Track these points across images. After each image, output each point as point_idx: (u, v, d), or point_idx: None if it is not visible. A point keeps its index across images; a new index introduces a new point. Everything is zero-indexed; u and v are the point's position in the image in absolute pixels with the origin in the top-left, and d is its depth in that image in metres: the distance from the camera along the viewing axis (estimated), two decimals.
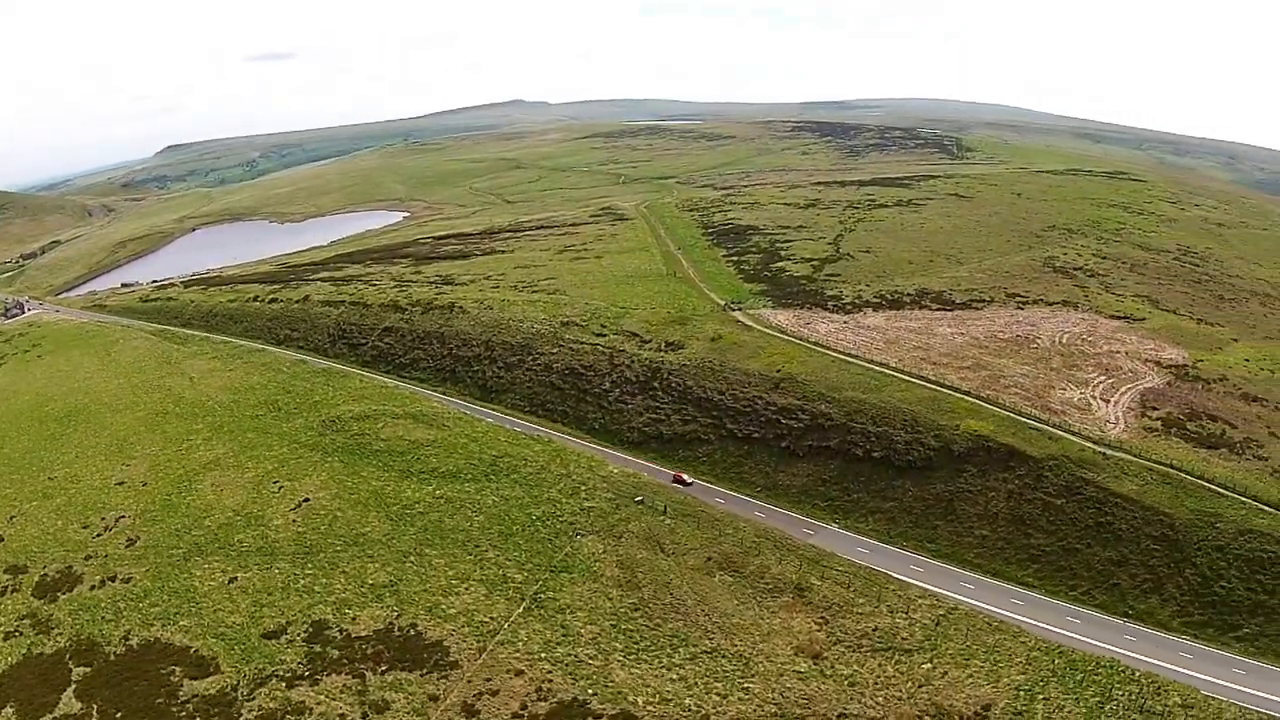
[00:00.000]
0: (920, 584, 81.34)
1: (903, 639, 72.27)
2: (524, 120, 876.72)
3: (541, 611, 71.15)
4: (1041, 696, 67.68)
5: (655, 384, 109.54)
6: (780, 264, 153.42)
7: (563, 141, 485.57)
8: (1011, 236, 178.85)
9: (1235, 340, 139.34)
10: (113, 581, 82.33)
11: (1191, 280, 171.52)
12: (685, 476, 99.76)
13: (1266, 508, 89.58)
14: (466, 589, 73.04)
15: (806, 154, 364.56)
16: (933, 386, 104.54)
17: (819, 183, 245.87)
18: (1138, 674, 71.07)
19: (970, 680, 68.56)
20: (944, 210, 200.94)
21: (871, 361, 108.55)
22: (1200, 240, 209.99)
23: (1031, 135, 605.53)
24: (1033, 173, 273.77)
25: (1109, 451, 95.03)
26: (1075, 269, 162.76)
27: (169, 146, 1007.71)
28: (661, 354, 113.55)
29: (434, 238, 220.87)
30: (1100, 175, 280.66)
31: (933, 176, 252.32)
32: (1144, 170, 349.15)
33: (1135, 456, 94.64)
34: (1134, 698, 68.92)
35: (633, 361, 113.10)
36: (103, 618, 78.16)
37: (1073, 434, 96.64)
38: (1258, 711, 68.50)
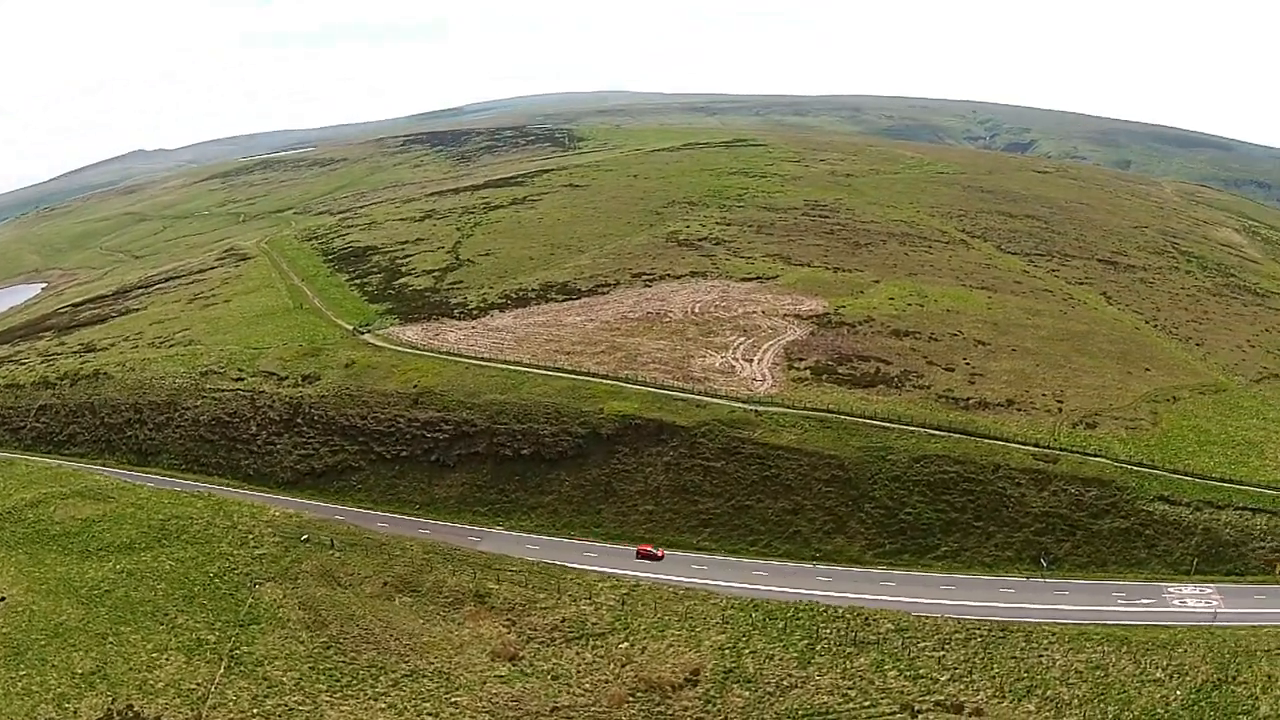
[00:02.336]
0: (597, 568, 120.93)
1: (593, 624, 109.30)
2: (146, 170, 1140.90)
3: (241, 668, 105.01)
4: (748, 651, 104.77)
5: (299, 420, 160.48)
6: (403, 279, 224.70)
7: (183, 187, 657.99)
8: (632, 218, 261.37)
9: (877, 282, 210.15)
10: None
11: (823, 232, 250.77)
12: (654, 549, 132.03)
13: (937, 431, 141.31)
14: (168, 659, 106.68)
15: (419, 166, 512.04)
16: (570, 376, 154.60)
17: (433, 193, 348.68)
18: (842, 610, 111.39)
19: (671, 650, 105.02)
20: (561, 203, 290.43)
21: (505, 362, 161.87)
22: (828, 193, 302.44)
23: (645, 117, 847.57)
24: (648, 153, 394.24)
25: (761, 408, 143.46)
26: (700, 240, 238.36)
27: None
28: (300, 389, 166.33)
29: (72, 305, 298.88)
30: (717, 145, 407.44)
31: (546, 171, 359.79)
32: (764, 134, 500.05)
33: (789, 408, 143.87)
34: (843, 632, 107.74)
35: (274, 401, 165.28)
36: None
37: (720, 398, 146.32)
38: (975, 619, 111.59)
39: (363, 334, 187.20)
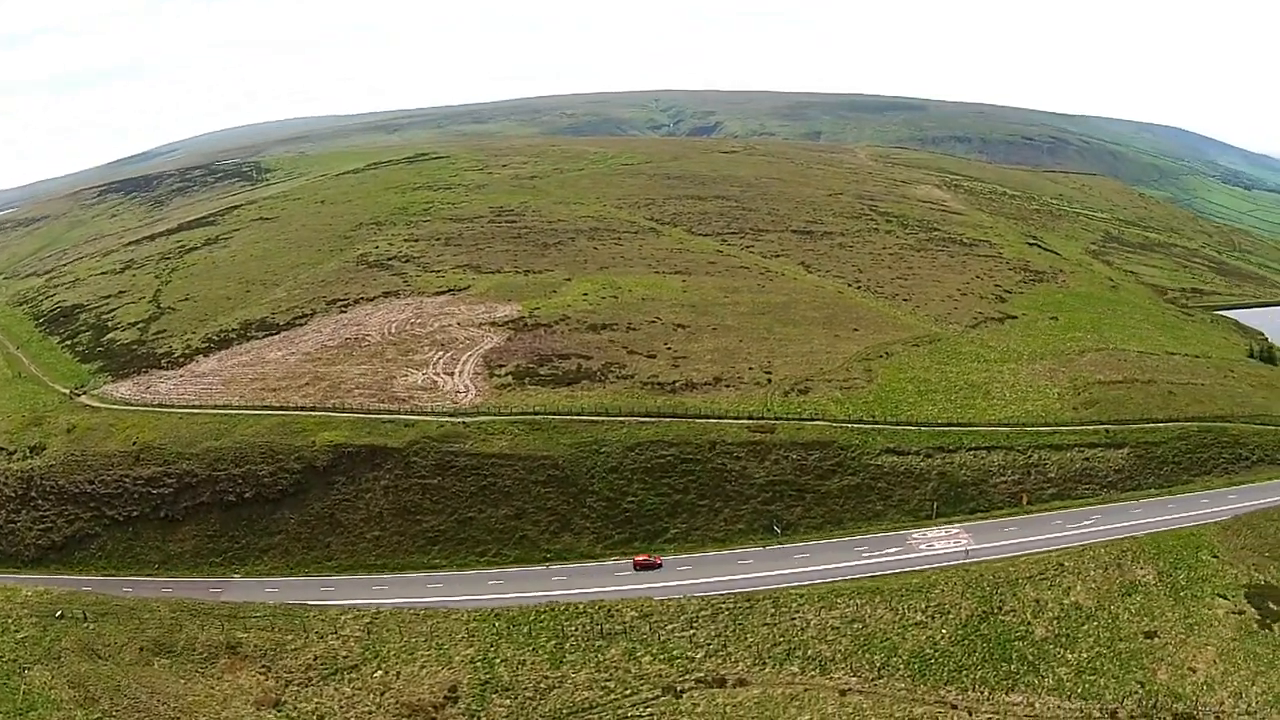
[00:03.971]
0: (337, 602, 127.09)
1: (345, 657, 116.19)
2: None
3: None
4: (499, 660, 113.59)
5: (33, 493, 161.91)
6: (110, 335, 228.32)
7: None
8: (321, 245, 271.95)
9: (569, 279, 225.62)
10: None
11: (511, 237, 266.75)
12: (651, 557, 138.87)
13: (648, 418, 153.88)
14: None
15: (116, 216, 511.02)
16: (279, 412, 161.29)
17: (131, 243, 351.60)
18: (583, 606, 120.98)
19: (425, 671, 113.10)
20: (252, 237, 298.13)
21: (216, 406, 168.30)
22: (514, 197, 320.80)
23: (329, 141, 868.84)
24: (334, 177, 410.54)
25: (468, 419, 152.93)
26: (390, 259, 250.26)
27: None
28: (29, 461, 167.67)
29: None
30: (400, 162, 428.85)
31: (236, 207, 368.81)
32: (446, 146, 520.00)
33: (496, 415, 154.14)
34: (589, 627, 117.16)
35: (6, 477, 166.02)
36: None
37: (426, 415, 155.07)
38: (719, 594, 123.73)
39: (79, 396, 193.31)
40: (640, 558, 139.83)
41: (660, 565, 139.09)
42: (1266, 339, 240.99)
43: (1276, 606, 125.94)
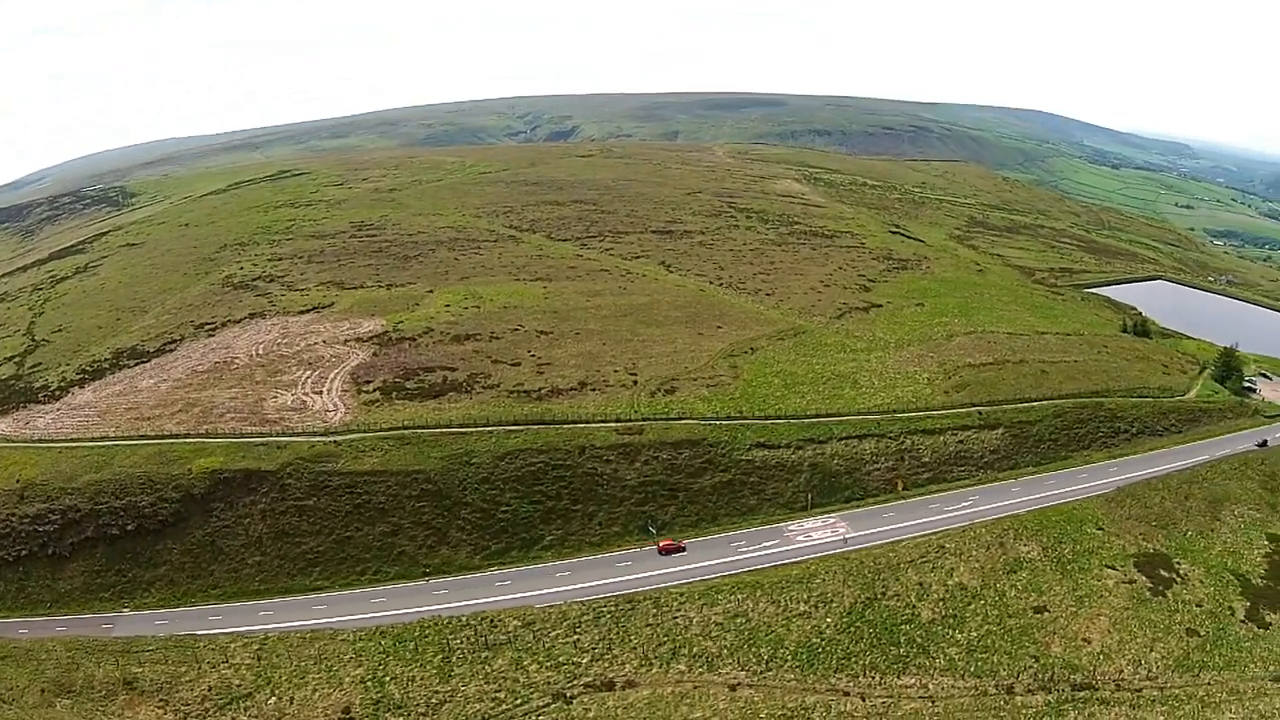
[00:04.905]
0: (225, 630, 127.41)
1: (239, 686, 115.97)
2: None
3: None
4: (388, 677, 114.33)
5: None
6: None
7: None
8: (187, 269, 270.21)
9: (431, 291, 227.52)
10: None
11: (372, 251, 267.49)
12: (676, 542, 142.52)
13: (515, 427, 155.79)
14: None
15: None
16: (155, 441, 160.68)
17: (3, 275, 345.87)
18: (466, 618, 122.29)
19: (318, 694, 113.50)
20: (120, 264, 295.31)
21: (93, 439, 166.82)
22: (374, 211, 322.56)
23: (192, 162, 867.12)
24: (197, 199, 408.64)
25: (339, 438, 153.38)
26: (255, 279, 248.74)
27: None
28: None
29: None
30: (262, 180, 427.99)
31: (104, 234, 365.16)
32: (306, 162, 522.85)
33: (366, 432, 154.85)
34: (473, 639, 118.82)
35: None
36: None
37: (298, 435, 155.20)
38: (599, 598, 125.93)
39: None
40: (665, 542, 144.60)
41: (684, 549, 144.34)
42: (1140, 313, 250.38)
43: (1168, 573, 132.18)
